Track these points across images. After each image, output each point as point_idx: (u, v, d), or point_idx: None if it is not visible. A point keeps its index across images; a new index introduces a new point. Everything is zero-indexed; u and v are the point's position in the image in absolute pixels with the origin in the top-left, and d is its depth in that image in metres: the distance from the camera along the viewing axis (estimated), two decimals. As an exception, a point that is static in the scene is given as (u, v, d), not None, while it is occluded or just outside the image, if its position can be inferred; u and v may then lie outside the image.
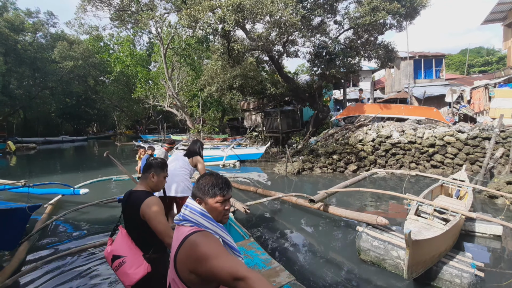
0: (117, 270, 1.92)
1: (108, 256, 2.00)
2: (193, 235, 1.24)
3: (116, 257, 1.93)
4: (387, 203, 6.48)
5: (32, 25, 30.46)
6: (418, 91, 17.36)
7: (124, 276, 1.87)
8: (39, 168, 14.30)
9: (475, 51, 45.42)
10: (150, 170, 2.16)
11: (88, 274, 3.54)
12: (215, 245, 1.20)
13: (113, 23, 12.16)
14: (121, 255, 1.93)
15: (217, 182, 1.37)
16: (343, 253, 4.00)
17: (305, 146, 12.15)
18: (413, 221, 3.72)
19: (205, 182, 1.38)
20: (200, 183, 1.39)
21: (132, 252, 1.93)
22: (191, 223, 1.30)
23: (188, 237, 1.23)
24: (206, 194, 1.36)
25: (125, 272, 1.87)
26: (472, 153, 8.90)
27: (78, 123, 44.27)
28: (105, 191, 7.99)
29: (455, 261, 3.15)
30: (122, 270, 1.88)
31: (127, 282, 1.85)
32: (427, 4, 10.93)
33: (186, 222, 1.31)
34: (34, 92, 31.75)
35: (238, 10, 8.46)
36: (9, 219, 3.85)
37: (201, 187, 1.38)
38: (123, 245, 1.98)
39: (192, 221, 1.30)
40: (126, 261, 1.89)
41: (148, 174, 2.15)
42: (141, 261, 1.90)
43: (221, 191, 1.36)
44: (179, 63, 24.61)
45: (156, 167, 2.19)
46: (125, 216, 2.11)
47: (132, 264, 1.88)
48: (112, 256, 1.96)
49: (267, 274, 2.09)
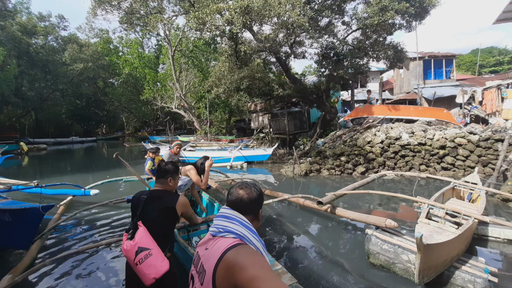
0: (141, 262, 1.92)
1: (131, 249, 1.99)
2: (238, 247, 1.13)
3: (142, 249, 1.96)
4: (396, 206, 6.39)
5: (44, 29, 31.19)
6: (428, 92, 17.09)
7: (151, 268, 1.90)
8: (50, 169, 14.60)
9: (486, 51, 44.55)
10: (167, 175, 2.33)
11: (98, 272, 3.62)
12: (264, 265, 1.08)
13: (122, 26, 12.36)
14: (147, 247, 1.97)
15: (261, 195, 1.37)
16: (351, 256, 3.96)
17: (312, 147, 12.09)
18: (424, 225, 3.65)
19: (255, 195, 1.33)
20: (251, 196, 1.32)
21: (156, 246, 2.01)
22: (234, 235, 1.19)
23: (231, 248, 1.12)
24: (258, 207, 1.35)
25: (151, 264, 1.91)
26: (484, 155, 8.71)
27: (87, 124, 45.00)
28: (114, 191, 8.09)
29: (467, 266, 3.08)
30: (148, 262, 1.92)
31: (153, 274, 1.89)
32: (437, 4, 10.77)
33: (228, 234, 1.20)
34: (46, 94, 32.44)
35: (245, 13, 8.49)
36: (23, 219, 3.95)
37: (254, 200, 1.32)
38: (147, 239, 2.03)
39: (236, 233, 1.19)
40: (153, 254, 1.95)
41: (165, 180, 2.31)
42: (164, 256, 2.00)
43: (262, 203, 1.38)
44: (187, 65, 24.84)
45: (172, 173, 2.36)
46: (147, 214, 2.15)
47: (158, 257, 1.95)
48: (138, 248, 1.97)
49: None
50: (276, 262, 2.34)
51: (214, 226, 1.25)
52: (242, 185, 1.35)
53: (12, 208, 4.04)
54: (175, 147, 5.50)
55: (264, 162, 12.84)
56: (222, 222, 1.24)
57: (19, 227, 3.99)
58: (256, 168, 12.13)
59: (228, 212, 1.28)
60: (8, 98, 24.88)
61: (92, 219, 5.73)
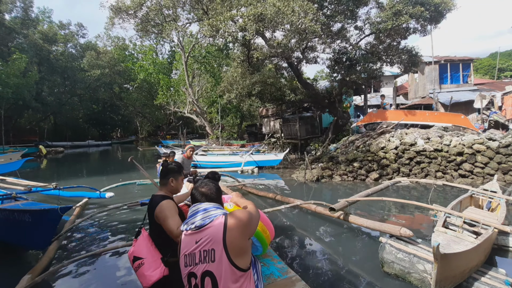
0: (136, 270, 2.02)
1: (130, 257, 2.12)
2: (227, 216, 1.54)
3: (136, 258, 2.04)
4: (411, 213, 6.23)
5: (64, 36, 32.54)
6: (444, 97, 16.68)
7: (142, 277, 1.96)
8: (67, 171, 15.06)
9: (506, 54, 43.17)
10: (168, 175, 2.26)
11: (115, 274, 3.68)
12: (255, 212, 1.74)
13: (138, 33, 12.74)
14: (140, 256, 2.03)
15: (218, 186, 1.87)
16: (365, 264, 3.88)
17: (324, 153, 11.98)
18: (441, 234, 3.54)
19: (214, 188, 1.79)
20: (212, 190, 1.76)
21: (150, 255, 2.02)
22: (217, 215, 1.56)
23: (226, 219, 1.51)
24: (220, 195, 1.83)
25: (142, 274, 1.96)
26: (504, 163, 8.40)
27: (103, 128, 46.28)
28: (128, 194, 8.26)
29: (487, 277, 2.97)
30: (140, 272, 1.98)
31: (144, 283, 1.94)
32: (453, 8, 10.58)
33: (214, 218, 1.55)
34: (64, 99, 33.68)
35: (258, 20, 8.58)
36: (42, 220, 4.08)
37: (214, 192, 1.76)
38: (143, 247, 2.08)
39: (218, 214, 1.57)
40: (144, 263, 1.99)
41: (167, 180, 2.24)
42: (158, 264, 1.98)
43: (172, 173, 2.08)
44: (200, 70, 25.25)
45: (173, 172, 2.30)
46: (149, 219, 2.21)
47: (150, 266, 1.96)
48: (133, 257, 2.07)
49: (283, 283, 2.08)
50: (289, 269, 2.32)
51: (199, 220, 1.56)
52: (202, 184, 1.76)
53: (32, 209, 4.19)
54: (188, 150, 5.57)
55: (275, 167, 12.81)
56: (202, 214, 1.57)
57: (38, 227, 4.12)
58: (267, 173, 12.11)
59: (202, 206, 1.63)
60: (29, 103, 25.94)
61: (107, 221, 5.86)
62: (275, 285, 2.05)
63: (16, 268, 4.02)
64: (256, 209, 1.81)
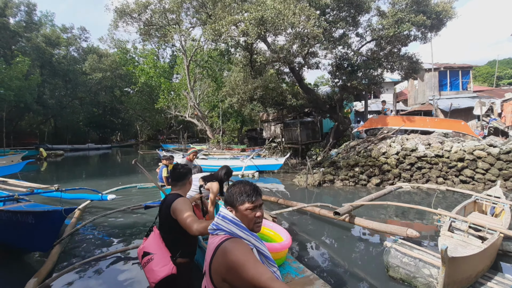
0: (145, 266, 2.03)
1: (139, 253, 2.15)
2: (224, 242, 1.26)
3: (146, 254, 2.06)
4: (413, 218, 6.22)
5: (66, 40, 32.74)
6: (443, 104, 16.77)
7: (150, 272, 1.97)
8: (67, 174, 15.02)
9: (504, 62, 43.56)
10: (187, 177, 2.31)
11: (120, 278, 3.65)
12: (243, 251, 1.20)
13: (141, 37, 12.85)
14: (150, 252, 2.05)
15: (245, 189, 1.38)
16: (370, 268, 3.86)
17: (325, 158, 11.99)
18: (448, 238, 3.54)
19: (234, 189, 1.40)
20: (230, 191, 1.41)
21: (161, 251, 2.05)
22: (224, 232, 1.30)
23: (220, 245, 1.25)
24: (235, 202, 1.36)
25: (151, 269, 1.96)
26: (505, 169, 8.41)
27: (103, 131, 46.28)
28: (129, 198, 8.23)
29: (493, 282, 2.96)
30: (149, 267, 1.99)
31: (152, 279, 1.94)
32: (454, 16, 10.71)
33: (219, 231, 1.32)
34: (65, 102, 33.72)
35: (260, 23, 8.68)
36: (46, 221, 4.06)
37: (230, 194, 1.39)
38: (154, 244, 2.11)
39: (225, 230, 1.30)
40: (154, 258, 2.00)
41: (185, 181, 2.30)
42: (167, 261, 1.99)
43: (249, 197, 1.35)
44: (201, 75, 25.38)
45: (190, 174, 2.36)
46: (160, 218, 2.24)
47: (159, 262, 1.98)
48: (143, 253, 2.10)
49: (301, 282, 2.07)
50: (306, 268, 2.32)
51: (212, 224, 1.39)
52: (238, 182, 1.49)
53: (35, 210, 4.17)
54: (191, 154, 5.59)
55: (275, 171, 12.80)
56: (217, 220, 1.36)
57: (42, 229, 4.09)
58: (268, 177, 12.10)
59: (221, 211, 1.39)
60: (31, 106, 25.97)
61: (110, 224, 5.83)
62: (293, 284, 2.05)
63: (19, 271, 4.00)
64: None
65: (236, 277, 1.15)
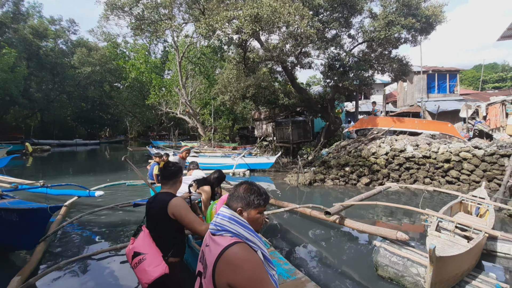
0: (136, 267, 1.98)
1: (129, 253, 2.08)
2: (234, 246, 1.19)
3: (137, 254, 2.01)
4: (401, 218, 6.35)
5: (54, 32, 31.84)
6: (431, 106, 17.14)
7: (143, 273, 1.92)
8: (53, 170, 14.65)
9: (489, 67, 44.83)
10: (178, 175, 2.28)
11: (107, 277, 3.58)
12: (256, 266, 1.18)
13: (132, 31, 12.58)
14: (141, 252, 2.00)
15: (261, 192, 1.36)
16: (359, 268, 3.92)
17: (316, 157, 12.08)
18: (435, 237, 3.63)
19: (248, 192, 1.35)
20: (241, 193, 1.36)
21: (152, 251, 2.01)
22: (231, 234, 1.24)
23: (228, 248, 1.19)
24: (250, 205, 1.33)
25: (143, 269, 1.92)
26: (489, 170, 8.67)
27: (91, 127, 45.34)
28: (117, 195, 8.09)
29: (478, 281, 3.05)
30: (141, 267, 1.94)
31: (145, 279, 1.90)
32: (443, 20, 10.92)
33: (225, 232, 1.25)
34: (52, 95, 32.84)
35: (255, 21, 8.63)
36: (30, 219, 3.94)
37: (243, 196, 1.34)
38: (144, 243, 2.06)
39: (232, 232, 1.24)
40: (146, 258, 1.96)
41: (176, 179, 2.28)
42: (160, 261, 1.96)
43: (264, 201, 1.35)
44: (193, 71, 25.12)
45: (181, 172, 2.34)
46: (149, 218, 2.19)
47: (152, 262, 1.94)
48: (133, 253, 2.03)
49: (293, 284, 2.07)
50: (297, 271, 2.32)
51: (214, 224, 1.31)
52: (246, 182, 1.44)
53: (20, 208, 4.05)
54: (184, 152, 5.51)
55: (267, 170, 12.83)
56: (220, 220, 1.29)
57: (26, 227, 3.98)
58: (259, 176, 12.11)
59: (225, 211, 1.33)
60: (16, 99, 25.19)
61: (97, 222, 5.72)
62: (285, 286, 2.04)
63: (2, 268, 3.89)
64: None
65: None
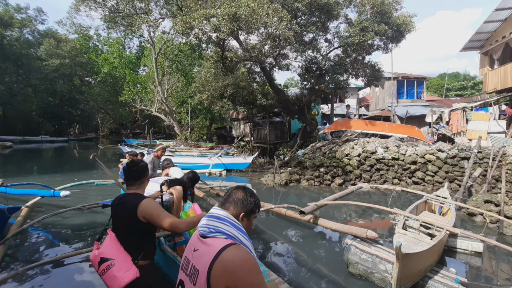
0: (104, 273, 1.85)
1: (95, 260, 1.94)
2: (231, 248, 1.17)
3: (104, 260, 1.88)
4: (371, 217, 6.62)
5: (20, 21, 29.77)
6: (400, 110, 18.04)
7: (112, 279, 1.81)
8: (15, 168, 13.63)
9: (452, 76, 48.19)
10: (146, 173, 2.21)
11: (73, 284, 3.37)
12: (255, 269, 1.18)
13: (105, 24, 12.01)
14: (109, 257, 1.88)
15: (257, 198, 1.39)
16: (331, 265, 4.02)
17: (292, 158, 12.27)
18: (402, 235, 3.82)
19: (250, 197, 1.37)
20: (241, 198, 1.35)
21: (121, 256, 1.90)
22: (225, 235, 1.22)
23: (225, 249, 1.16)
24: (255, 210, 1.37)
25: (113, 276, 1.81)
26: (451, 172, 9.27)
27: (59, 123, 42.72)
28: (86, 195, 7.69)
29: (440, 275, 3.25)
30: (110, 274, 1.83)
31: (115, 286, 1.80)
32: (413, 29, 11.56)
33: (218, 234, 1.23)
34: (16, 89, 30.63)
35: (233, 20, 8.61)
36: (-15, 221, 3.64)
37: (246, 202, 1.35)
38: (112, 248, 1.94)
39: (226, 233, 1.22)
40: (115, 264, 1.85)
41: (144, 179, 2.20)
42: (130, 265, 1.86)
43: (259, 208, 1.38)
44: (170, 68, 24.51)
45: (148, 170, 2.28)
46: (116, 220, 2.08)
47: (121, 267, 1.83)
48: (100, 259, 1.90)
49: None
50: (271, 272, 2.33)
51: (204, 226, 1.27)
52: (243, 187, 1.43)
53: (-26, 209, 3.73)
54: (159, 151, 5.32)
55: (243, 170, 12.81)
56: (212, 222, 1.26)
57: (-19, 229, 3.68)
58: (236, 176, 12.07)
59: (219, 212, 1.30)
60: (-27, 91, 23.18)
61: (62, 224, 5.39)
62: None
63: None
64: None
65: None
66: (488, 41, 15.06)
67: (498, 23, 13.80)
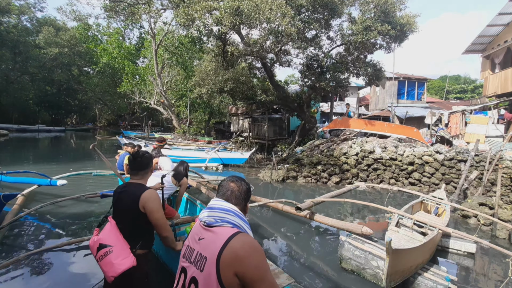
0: (101, 259, 1.88)
1: (93, 245, 1.97)
2: (239, 235, 1.22)
3: (103, 246, 1.91)
4: (366, 215, 6.67)
5: (18, 8, 29.33)
6: (400, 111, 18.08)
7: (109, 266, 1.84)
8: (10, 157, 13.56)
9: (453, 78, 48.26)
10: (150, 164, 2.23)
11: (70, 271, 3.39)
12: (264, 256, 1.25)
13: (106, 13, 11.87)
14: (108, 244, 1.91)
15: (249, 185, 1.49)
16: (325, 260, 4.07)
17: (290, 155, 12.29)
18: (394, 232, 3.86)
19: (247, 189, 1.44)
20: (237, 190, 1.41)
21: (119, 243, 1.92)
22: (231, 224, 1.27)
23: (233, 237, 1.21)
24: (247, 200, 1.45)
25: (110, 262, 1.84)
26: (447, 174, 9.34)
27: (56, 113, 42.46)
28: (84, 185, 7.68)
29: (430, 273, 3.29)
30: (107, 260, 1.85)
31: (111, 272, 1.82)
32: (416, 30, 11.52)
33: (225, 223, 1.27)
34: (13, 76, 30.33)
35: (236, 14, 8.54)
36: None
37: (249, 193, 1.45)
38: (111, 235, 1.96)
39: (233, 223, 1.28)
40: (113, 251, 1.87)
41: (148, 169, 2.22)
42: (128, 253, 1.89)
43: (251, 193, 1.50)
44: (170, 61, 24.35)
45: (152, 161, 2.29)
46: (117, 208, 2.10)
47: (119, 255, 1.86)
48: (98, 245, 1.93)
49: None
50: (271, 262, 2.35)
51: (210, 217, 1.30)
52: (233, 178, 1.46)
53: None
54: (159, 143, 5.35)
55: (240, 165, 12.83)
56: (217, 213, 1.30)
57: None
58: (232, 171, 12.08)
59: (222, 204, 1.34)
60: (-31, 77, 22.93)
61: (60, 213, 5.38)
62: None
63: None
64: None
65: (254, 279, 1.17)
66: (490, 45, 15.08)
67: (501, 27, 13.81)
